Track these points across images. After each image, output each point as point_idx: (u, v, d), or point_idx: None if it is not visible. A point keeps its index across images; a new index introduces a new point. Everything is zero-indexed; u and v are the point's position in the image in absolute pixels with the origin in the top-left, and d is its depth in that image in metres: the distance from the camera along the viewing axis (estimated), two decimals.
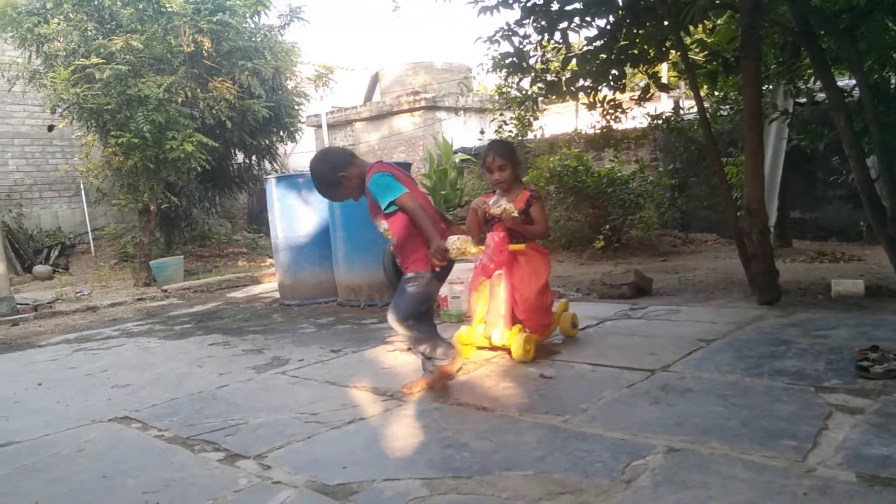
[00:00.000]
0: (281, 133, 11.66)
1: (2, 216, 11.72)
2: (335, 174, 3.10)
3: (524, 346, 3.55)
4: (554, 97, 6.66)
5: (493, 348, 3.75)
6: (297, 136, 12.28)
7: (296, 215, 6.62)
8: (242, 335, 5.18)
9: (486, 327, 3.72)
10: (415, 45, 62.21)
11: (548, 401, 2.93)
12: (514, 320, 3.68)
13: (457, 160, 12.80)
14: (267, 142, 11.62)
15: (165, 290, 8.43)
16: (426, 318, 3.24)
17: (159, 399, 3.46)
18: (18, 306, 7.36)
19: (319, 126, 17.07)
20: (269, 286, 8.43)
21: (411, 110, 15.93)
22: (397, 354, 4.05)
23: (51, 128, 12.94)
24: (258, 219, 15.51)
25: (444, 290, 5.05)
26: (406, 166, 6.78)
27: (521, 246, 3.69)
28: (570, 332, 4.09)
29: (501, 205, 3.65)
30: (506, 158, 3.72)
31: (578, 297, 5.78)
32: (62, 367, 4.51)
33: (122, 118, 8.35)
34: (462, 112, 16.27)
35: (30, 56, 9.20)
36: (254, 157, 12.12)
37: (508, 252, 3.61)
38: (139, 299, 8.02)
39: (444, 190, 12.28)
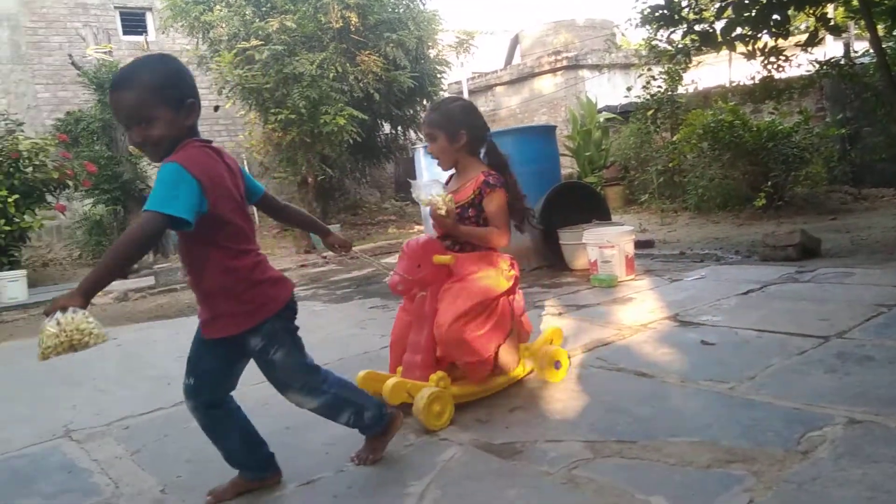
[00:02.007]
0: (424, 102, 11.92)
1: None
2: None
3: (429, 407, 2.41)
4: (708, 49, 6.30)
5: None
6: None
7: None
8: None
9: (400, 372, 2.68)
10: (555, 3, 60.69)
11: (710, 367, 2.84)
12: (436, 363, 2.64)
13: (601, 119, 12.47)
14: (411, 112, 11.93)
15: (324, 257, 8.97)
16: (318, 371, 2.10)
17: (329, 358, 3.71)
18: None
19: (460, 93, 17.22)
20: None
21: (553, 70, 15.66)
22: (550, 318, 4.07)
23: (216, 108, 13.97)
24: (405, 187, 16.03)
25: (593, 254, 5.00)
26: (549, 129, 6.73)
27: (448, 259, 2.59)
28: (551, 375, 2.82)
29: (431, 193, 2.52)
30: (434, 125, 2.69)
31: (737, 259, 5.51)
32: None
33: (280, 96, 8.89)
34: (606, 70, 15.77)
35: (197, 43, 9.99)
36: (399, 128, 12.50)
37: (434, 266, 2.59)
38: (301, 265, 8.60)
39: (589, 151, 12.03)
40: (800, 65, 6.79)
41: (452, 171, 2.88)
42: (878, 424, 2.09)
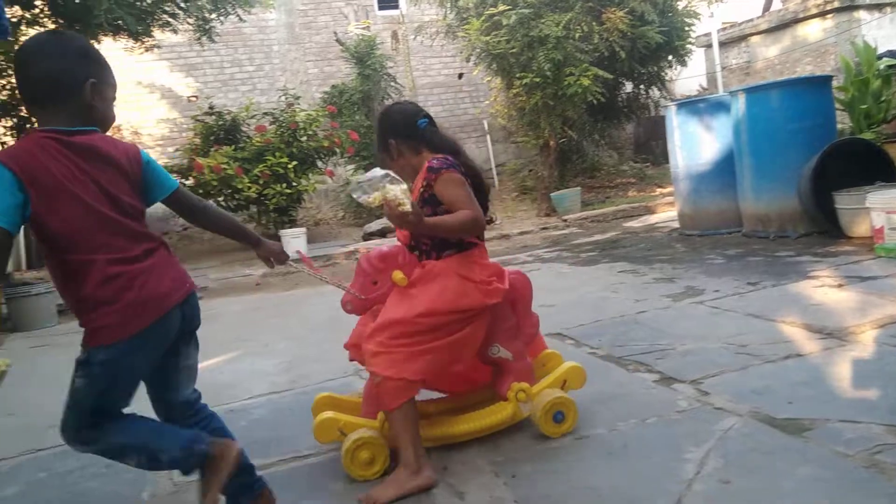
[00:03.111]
0: (670, 58, 11.29)
1: None
2: None
3: (353, 453, 2.12)
4: None
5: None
6: (687, 60, 11.77)
7: (697, 142, 6.41)
8: (649, 264, 5.29)
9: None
10: None
11: None
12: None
13: (881, 67, 10.86)
14: (655, 69, 11.38)
15: (565, 220, 9.01)
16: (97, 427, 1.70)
17: (584, 320, 3.76)
18: None
19: (709, 46, 16.02)
20: (664, 216, 8.39)
21: (822, 14, 13.90)
22: (826, 290, 3.71)
23: (460, 76, 14.55)
24: (644, 148, 15.41)
25: (879, 220, 4.43)
26: (822, 81, 6.06)
27: (400, 278, 2.17)
28: (548, 428, 2.25)
29: (384, 186, 1.94)
30: (379, 151, 2.38)
31: None
32: None
33: (525, 60, 8.98)
34: (888, 8, 13.65)
35: (444, 13, 10.42)
36: (642, 86, 12.01)
37: (393, 284, 2.20)
38: (543, 228, 8.73)
39: (865, 104, 10.56)
40: None
41: None
42: None
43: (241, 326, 4.90)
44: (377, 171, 1.98)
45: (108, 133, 1.76)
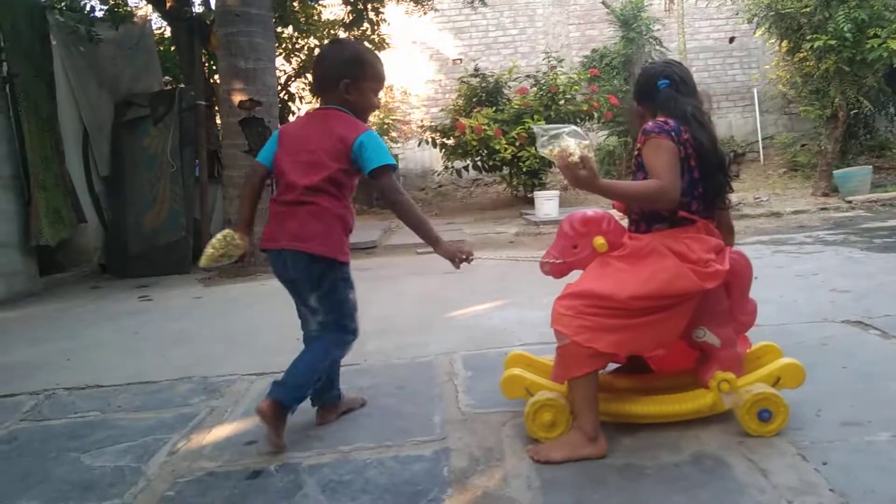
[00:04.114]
0: None
1: None
2: None
3: (535, 415, 2.07)
4: None
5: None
6: None
7: None
8: None
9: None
10: None
11: None
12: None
13: None
14: None
15: (849, 202, 8.01)
16: None
17: (890, 310, 3.31)
18: None
19: None
20: None
21: None
22: None
23: (731, 39, 13.49)
24: None
25: None
26: None
27: (600, 244, 2.07)
28: (752, 426, 1.99)
29: (563, 141, 1.91)
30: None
31: None
32: (769, 265, 4.78)
33: (819, 20, 8.03)
34: None
35: None
36: None
37: (594, 249, 2.08)
38: (822, 209, 7.86)
39: None
40: None
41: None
42: None
43: (501, 279, 5.06)
44: (566, 127, 1.93)
45: (382, 93, 2.25)
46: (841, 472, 1.79)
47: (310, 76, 8.90)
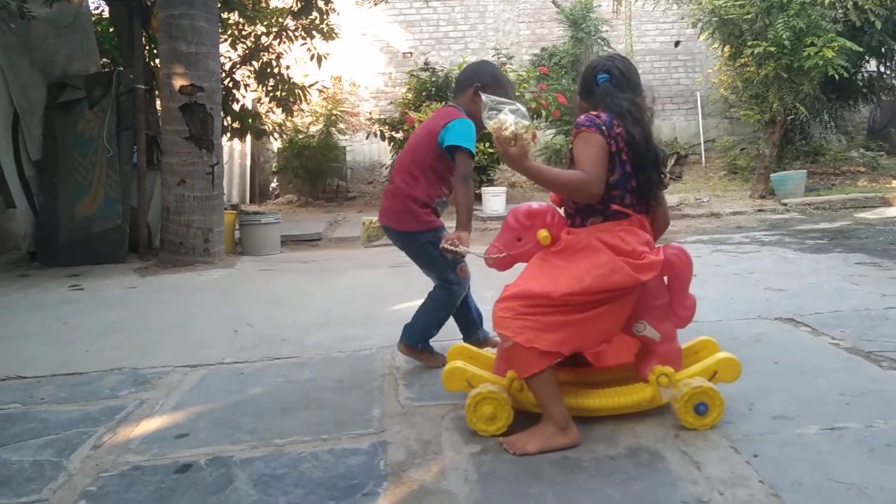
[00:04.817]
0: None
1: None
2: None
3: (475, 407, 2.06)
4: None
5: None
6: None
7: None
8: (893, 258, 4.71)
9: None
10: None
11: None
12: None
13: None
14: None
15: (785, 204, 8.28)
16: None
17: (820, 308, 3.42)
18: None
19: None
20: None
21: None
22: None
23: (677, 43, 13.78)
24: (880, 135, 13.73)
25: None
26: None
27: (544, 236, 2.08)
28: (688, 419, 2.04)
29: (503, 115, 1.97)
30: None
31: None
32: (708, 264, 4.89)
33: (759, 27, 8.27)
34: None
35: None
36: (890, 64, 10.61)
37: (538, 242, 2.09)
38: (759, 210, 8.11)
39: None
40: None
41: None
42: None
43: None
44: (514, 104, 1.99)
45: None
46: (771, 465, 1.83)
47: (255, 63, 8.67)
